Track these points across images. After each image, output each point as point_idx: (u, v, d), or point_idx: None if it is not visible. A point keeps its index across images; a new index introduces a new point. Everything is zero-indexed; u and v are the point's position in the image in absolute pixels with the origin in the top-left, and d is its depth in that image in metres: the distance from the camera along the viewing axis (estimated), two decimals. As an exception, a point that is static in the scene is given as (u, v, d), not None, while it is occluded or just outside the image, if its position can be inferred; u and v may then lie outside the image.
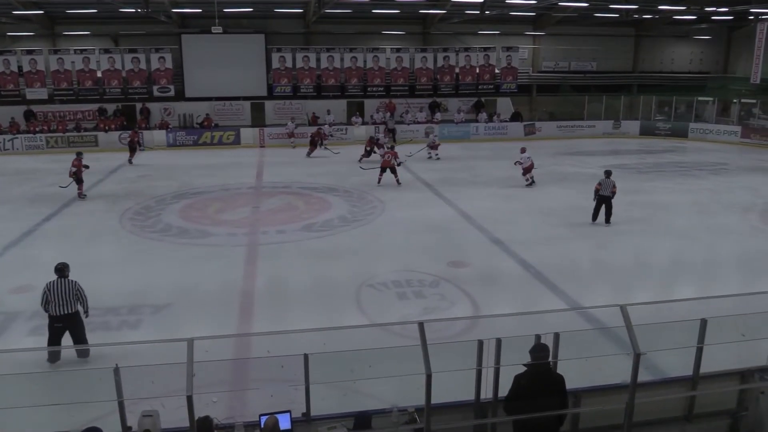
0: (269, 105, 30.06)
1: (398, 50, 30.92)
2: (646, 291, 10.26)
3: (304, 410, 5.31)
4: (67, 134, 27.22)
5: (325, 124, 28.26)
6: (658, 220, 14.92)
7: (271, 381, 6.82)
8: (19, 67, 28.05)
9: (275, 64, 29.74)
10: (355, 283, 10.58)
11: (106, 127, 27.84)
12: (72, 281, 8.23)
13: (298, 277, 11.11)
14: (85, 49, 28.80)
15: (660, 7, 28.02)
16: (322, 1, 26.14)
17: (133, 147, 24.09)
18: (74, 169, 17.32)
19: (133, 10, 25.87)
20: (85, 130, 27.71)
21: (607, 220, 14.10)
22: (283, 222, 14.89)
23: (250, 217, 15.55)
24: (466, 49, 31.35)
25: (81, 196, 17.36)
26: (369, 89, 30.69)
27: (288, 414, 4.99)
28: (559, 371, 5.29)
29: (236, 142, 28.22)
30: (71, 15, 28.90)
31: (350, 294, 10.15)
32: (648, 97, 32.08)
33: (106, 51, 28.97)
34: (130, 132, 25.75)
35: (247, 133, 28.50)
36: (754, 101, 30.39)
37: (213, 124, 28.75)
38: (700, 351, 5.57)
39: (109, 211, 15.98)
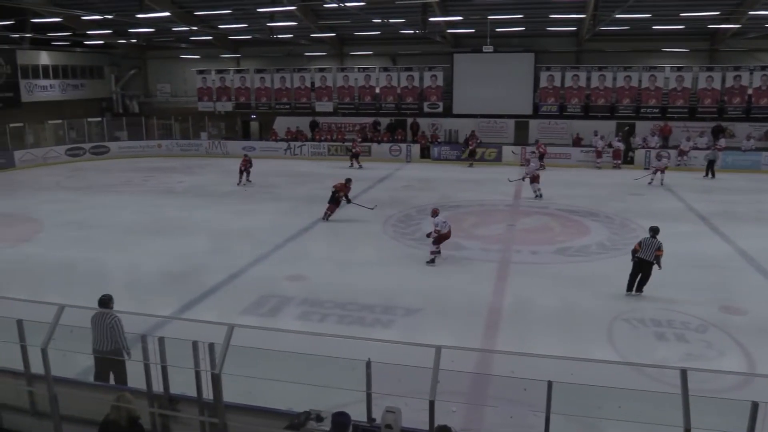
0: (533, 124, 29.83)
1: (679, 69, 28.43)
2: None
3: (541, 438, 5.11)
4: (346, 143, 30.16)
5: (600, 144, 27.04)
6: None
7: (511, 402, 6.70)
8: (312, 83, 31.94)
9: (543, 83, 29.41)
10: (608, 314, 9.95)
11: (379, 140, 30.27)
12: (110, 314, 6.88)
13: (547, 300, 10.79)
14: (367, 68, 31.67)
15: None
16: (598, 19, 25.20)
17: (356, 155, 27.29)
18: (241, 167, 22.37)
19: (412, 32, 27.73)
20: (363, 140, 30.45)
21: (639, 289, 10.96)
22: (537, 243, 14.62)
23: (505, 235, 15.56)
24: (763, 68, 27.65)
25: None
26: (642, 110, 28.72)
27: (525, 439, 4.84)
28: None
29: (498, 159, 28.50)
30: (358, 37, 32.04)
31: (602, 326, 9.57)
32: None
33: (385, 69, 31.52)
34: (353, 142, 28.43)
35: (509, 151, 28.59)
36: None
37: (478, 141, 29.39)
38: None
39: (375, 216, 17.25)
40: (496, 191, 21.15)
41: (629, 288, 11.03)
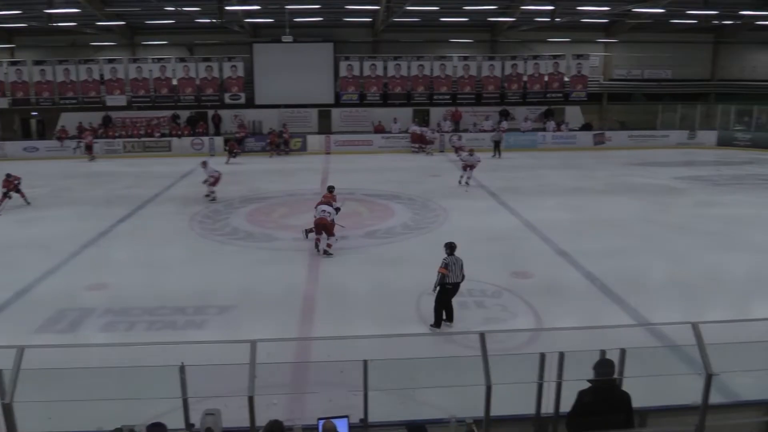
0: (336, 112, 30.48)
1: (465, 58, 30.76)
2: (720, 309, 9.81)
3: (362, 416, 5.31)
4: (143, 139, 28.46)
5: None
6: (735, 234, 14.20)
7: (330, 385, 6.87)
8: (101, 76, 29.52)
9: (343, 72, 30.12)
10: (416, 291, 10.51)
11: (179, 133, 28.93)
12: None
13: (359, 283, 11.18)
14: (162, 58, 30.02)
15: (741, 13, 26.85)
16: (391, 10, 26.33)
17: (88, 147, 26.74)
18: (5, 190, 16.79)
19: (208, 21, 26.82)
20: (161, 135, 28.88)
21: (450, 318, 9.17)
22: (347, 228, 14.99)
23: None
24: (535, 57, 30.90)
25: None
26: (435, 97, 30.66)
27: (345, 419, 4.99)
28: (624, 389, 5.12)
29: (303, 148, 28.70)
30: (150, 26, 30.24)
31: (411, 302, 10.11)
32: (727, 106, 30.66)
33: (182, 60, 30.11)
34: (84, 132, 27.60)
35: (314, 140, 28.95)
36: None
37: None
38: (777, 374, 5.28)
39: (180, 213, 16.51)
40: (303, 180, 21.31)
41: (437, 323, 9.05)
